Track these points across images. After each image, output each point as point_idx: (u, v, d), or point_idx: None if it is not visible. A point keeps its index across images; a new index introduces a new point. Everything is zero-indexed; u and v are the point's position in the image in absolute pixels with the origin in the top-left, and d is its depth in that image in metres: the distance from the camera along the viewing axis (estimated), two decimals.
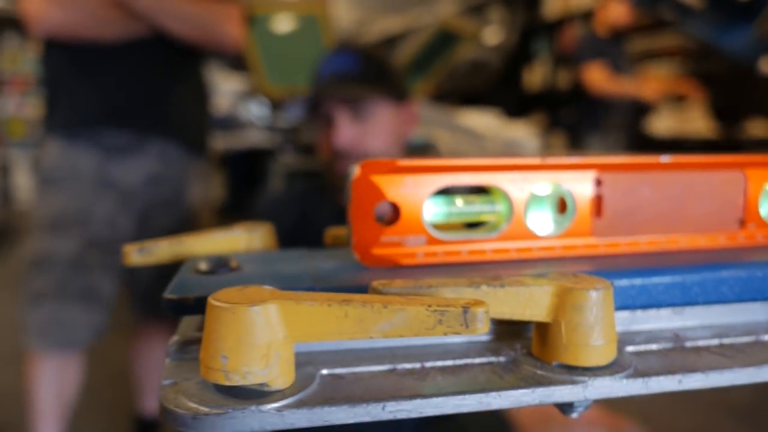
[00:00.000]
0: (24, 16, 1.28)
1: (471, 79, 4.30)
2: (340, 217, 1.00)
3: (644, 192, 0.34)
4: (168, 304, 0.26)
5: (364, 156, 0.93)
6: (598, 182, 0.34)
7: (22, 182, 5.06)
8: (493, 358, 0.26)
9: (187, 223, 1.50)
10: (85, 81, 1.35)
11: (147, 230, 1.41)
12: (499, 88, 4.18)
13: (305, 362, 0.24)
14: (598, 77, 2.76)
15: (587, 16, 3.63)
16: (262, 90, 3.95)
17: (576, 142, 2.94)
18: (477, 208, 0.33)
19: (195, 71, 1.47)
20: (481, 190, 0.34)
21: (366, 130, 0.93)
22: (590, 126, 2.87)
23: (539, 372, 0.24)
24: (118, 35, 1.30)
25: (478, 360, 0.25)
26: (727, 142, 2.62)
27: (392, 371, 0.24)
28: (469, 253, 0.32)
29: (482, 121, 2.74)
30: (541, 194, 0.34)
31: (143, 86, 1.37)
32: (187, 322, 0.28)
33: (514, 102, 3.85)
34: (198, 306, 0.26)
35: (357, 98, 0.92)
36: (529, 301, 0.25)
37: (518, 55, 4.27)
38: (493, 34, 4.54)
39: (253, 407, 0.21)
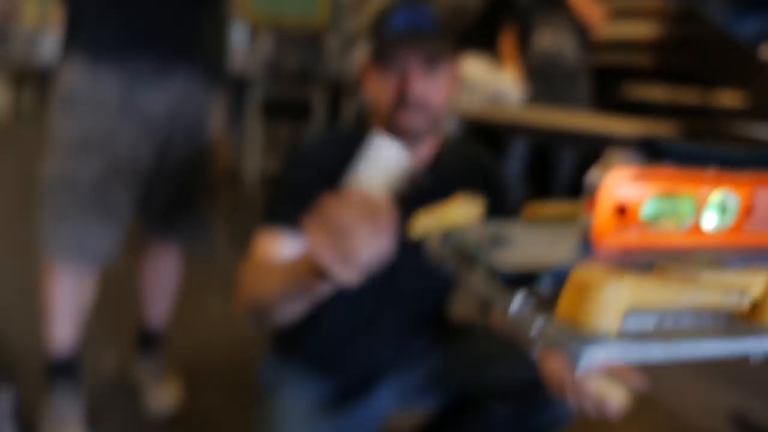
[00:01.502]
0: None
1: (451, 23, 4.32)
2: None
3: None
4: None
5: (428, 109, 0.97)
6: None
7: None
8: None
9: (205, 154, 1.55)
10: (111, 5, 1.35)
11: (167, 158, 1.45)
12: (479, 33, 4.22)
13: None
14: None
15: None
16: (244, 14, 3.81)
17: None
18: (675, 207, 0.45)
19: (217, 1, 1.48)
20: None
21: (435, 85, 0.97)
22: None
23: None
24: None
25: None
26: (699, 108, 2.79)
27: None
28: (671, 244, 0.44)
29: (471, 67, 2.83)
30: (714, 199, 0.45)
31: (169, 13, 1.37)
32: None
33: (495, 47, 3.90)
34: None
35: (436, 53, 0.96)
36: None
37: None
38: None
39: None
